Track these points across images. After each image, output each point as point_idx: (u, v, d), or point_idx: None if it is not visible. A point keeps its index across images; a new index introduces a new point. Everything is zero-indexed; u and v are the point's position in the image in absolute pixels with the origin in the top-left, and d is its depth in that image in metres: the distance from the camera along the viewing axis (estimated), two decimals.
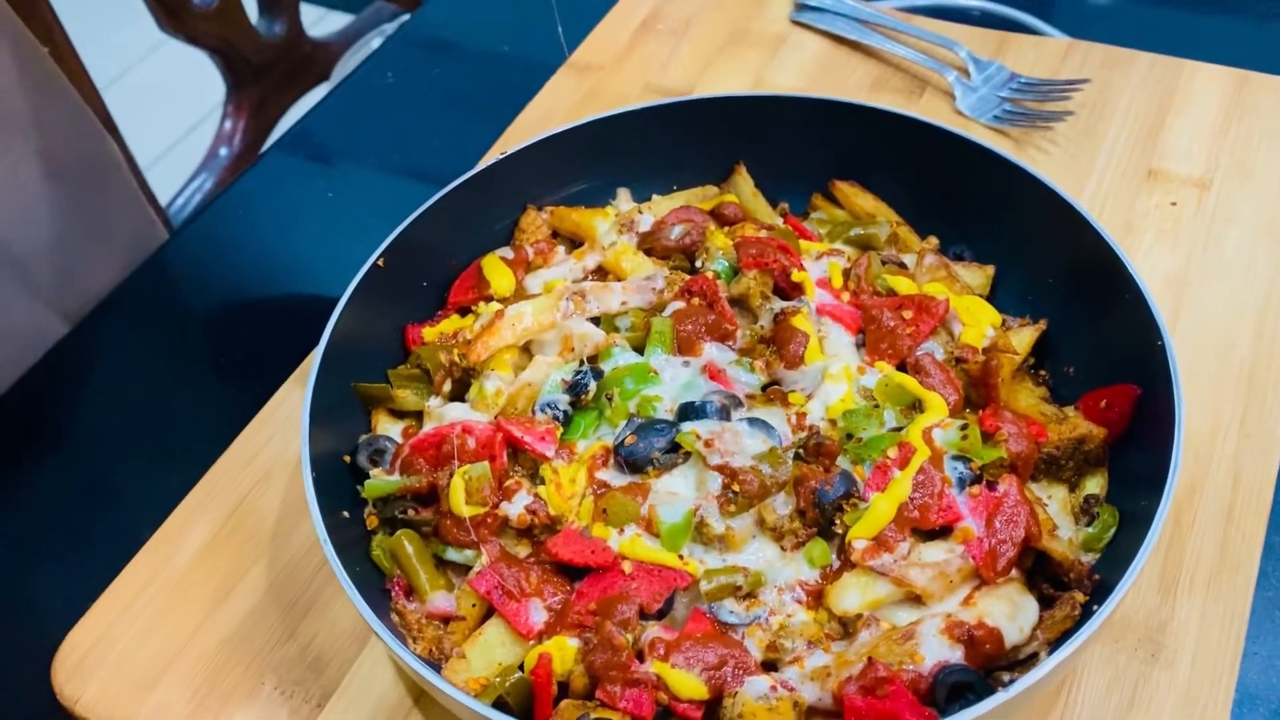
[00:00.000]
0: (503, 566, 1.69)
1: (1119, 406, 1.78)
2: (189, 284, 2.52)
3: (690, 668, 1.56)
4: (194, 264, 2.52)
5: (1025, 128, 2.43)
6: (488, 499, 1.74)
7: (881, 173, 2.21)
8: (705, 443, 1.71)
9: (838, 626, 1.65)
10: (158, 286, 2.49)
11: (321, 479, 1.74)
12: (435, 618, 1.73)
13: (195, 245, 2.56)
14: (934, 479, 1.68)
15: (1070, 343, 1.95)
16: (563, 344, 1.93)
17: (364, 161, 2.75)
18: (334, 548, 1.63)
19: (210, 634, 1.84)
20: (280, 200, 2.65)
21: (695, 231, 2.11)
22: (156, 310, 2.45)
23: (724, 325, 1.90)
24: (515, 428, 1.78)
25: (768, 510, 1.68)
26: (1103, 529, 1.71)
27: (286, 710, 1.75)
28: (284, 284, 2.47)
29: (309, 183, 2.69)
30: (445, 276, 2.13)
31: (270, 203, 2.64)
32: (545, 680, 1.59)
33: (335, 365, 1.88)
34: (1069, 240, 1.94)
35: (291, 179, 2.70)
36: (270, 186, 2.68)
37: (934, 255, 2.03)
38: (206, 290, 2.49)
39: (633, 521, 1.69)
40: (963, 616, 1.59)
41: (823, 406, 1.78)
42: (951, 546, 1.65)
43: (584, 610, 1.64)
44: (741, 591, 1.64)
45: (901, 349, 1.85)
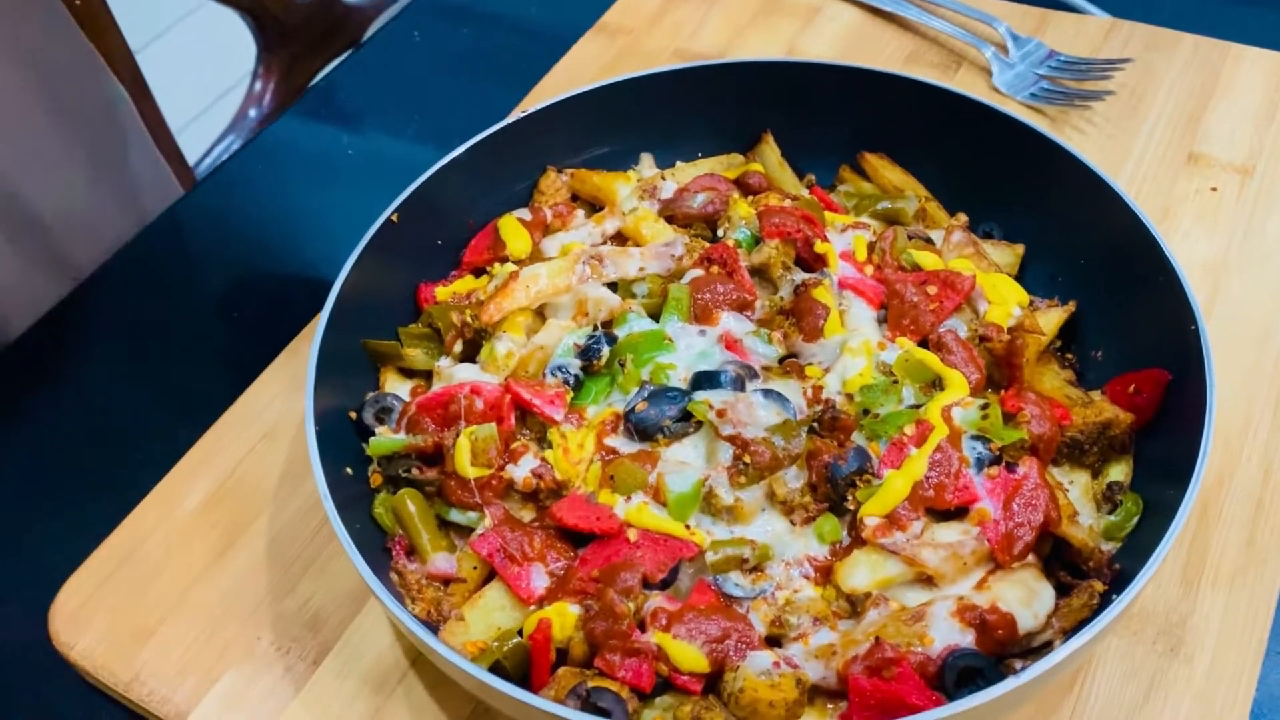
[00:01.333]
0: (506, 530, 1.66)
1: (1148, 392, 1.72)
2: (204, 238, 2.49)
3: (692, 639, 1.52)
4: (210, 218, 2.50)
5: (1062, 106, 2.36)
6: (493, 461, 1.70)
7: (912, 147, 2.15)
8: (718, 413, 1.67)
9: (845, 605, 1.60)
10: (173, 239, 2.47)
11: (325, 435, 1.70)
12: (435, 579, 1.70)
13: (212, 200, 2.53)
14: (951, 458, 1.62)
15: (1100, 327, 1.89)
16: (577, 308, 1.88)
17: (386, 121, 2.72)
18: (334, 504, 1.60)
19: (208, 588, 1.82)
20: (300, 157, 2.62)
21: (718, 200, 2.06)
22: (170, 263, 2.43)
23: (743, 295, 1.86)
24: (525, 390, 1.74)
25: (778, 483, 1.63)
26: (1125, 517, 1.65)
27: (282, 666, 1.72)
28: (299, 241, 2.44)
29: (330, 140, 2.66)
30: (461, 236, 2.09)
31: (290, 160, 2.61)
32: (544, 646, 1.55)
33: (344, 321, 1.85)
34: (1103, 221, 1.88)
35: (312, 136, 2.67)
36: (291, 143, 2.65)
37: (962, 232, 1.97)
38: (221, 245, 2.46)
39: (640, 489, 1.64)
40: (975, 600, 1.54)
41: (840, 380, 1.73)
42: (967, 528, 1.60)
43: (586, 577, 1.60)
44: (748, 565, 1.60)
45: (924, 325, 1.80)
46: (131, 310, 2.33)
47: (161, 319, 2.30)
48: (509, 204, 2.13)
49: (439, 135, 2.60)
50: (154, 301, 2.35)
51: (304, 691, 1.69)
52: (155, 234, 2.46)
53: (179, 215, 2.52)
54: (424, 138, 2.64)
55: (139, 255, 2.41)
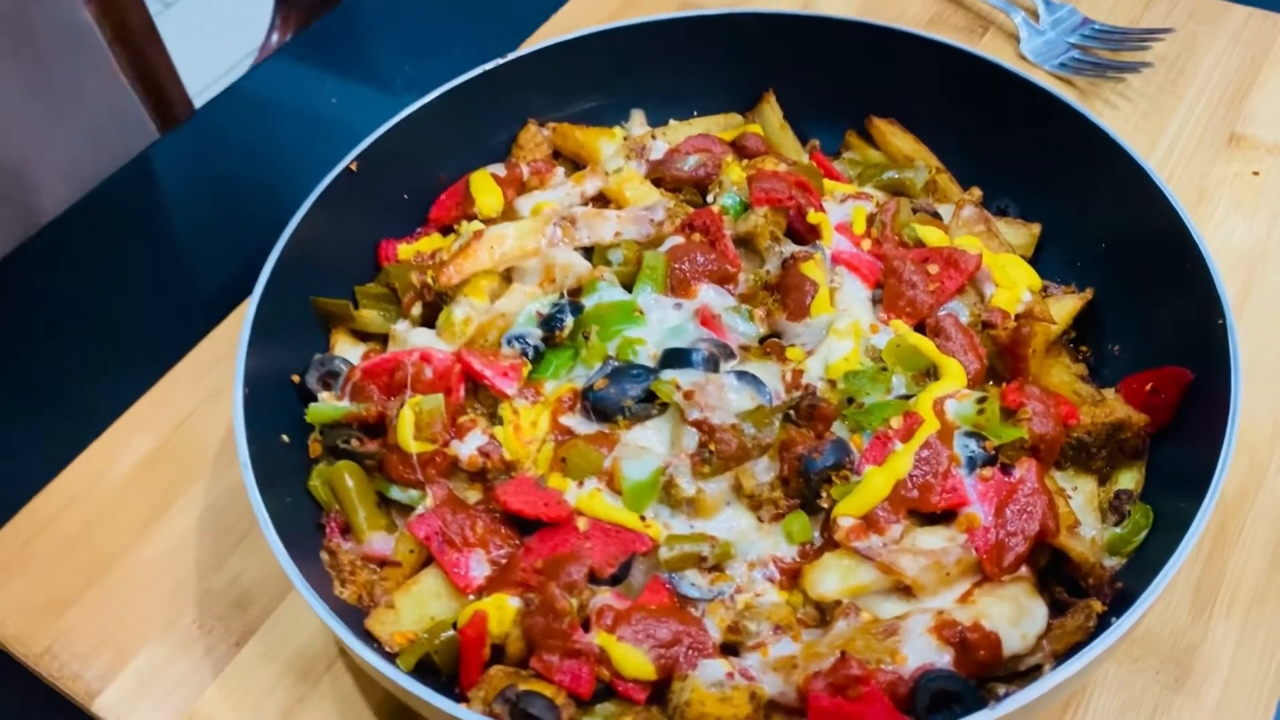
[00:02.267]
0: (447, 511, 1.51)
1: (1166, 393, 1.55)
2: (172, 185, 2.35)
3: (639, 643, 1.37)
4: (180, 165, 2.36)
5: (1094, 78, 2.17)
6: (438, 435, 1.56)
7: (926, 114, 1.98)
8: (685, 394, 1.51)
9: (813, 613, 1.45)
10: (139, 185, 2.32)
11: (260, 398, 1.57)
12: (371, 560, 1.56)
13: (184, 146, 2.39)
14: (940, 456, 1.46)
15: (1118, 317, 1.72)
16: (544, 274, 1.73)
17: (376, 70, 2.57)
18: (256, 476, 1.46)
19: (134, 557, 1.69)
20: (280, 106, 2.47)
21: (711, 163, 1.90)
22: (135, 210, 2.28)
23: (725, 266, 1.69)
24: (477, 360, 1.60)
25: (746, 475, 1.48)
26: (1133, 530, 1.49)
27: (202, 647, 1.59)
28: (270, 191, 2.28)
29: (314, 88, 2.51)
30: (430, 191, 1.94)
31: (270, 108, 2.46)
32: (475, 641, 1.41)
33: (294, 275, 1.71)
34: (1130, 203, 1.70)
35: (296, 84, 2.52)
36: (272, 91, 2.50)
37: (973, 207, 1.80)
38: (188, 193, 2.33)
39: (594, 474, 1.49)
40: (957, 615, 1.38)
41: (823, 365, 1.57)
42: (953, 534, 1.44)
43: (529, 568, 1.45)
44: (707, 563, 1.45)
45: (921, 307, 1.63)
46: (89, 258, 2.19)
47: (120, 267, 2.17)
48: (485, 158, 1.98)
49: (429, 85, 2.44)
50: (114, 249, 2.21)
51: (223, 676, 1.57)
52: (122, 179, 2.32)
53: (149, 160, 2.38)
54: (412, 87, 2.45)
55: (103, 200, 2.28)
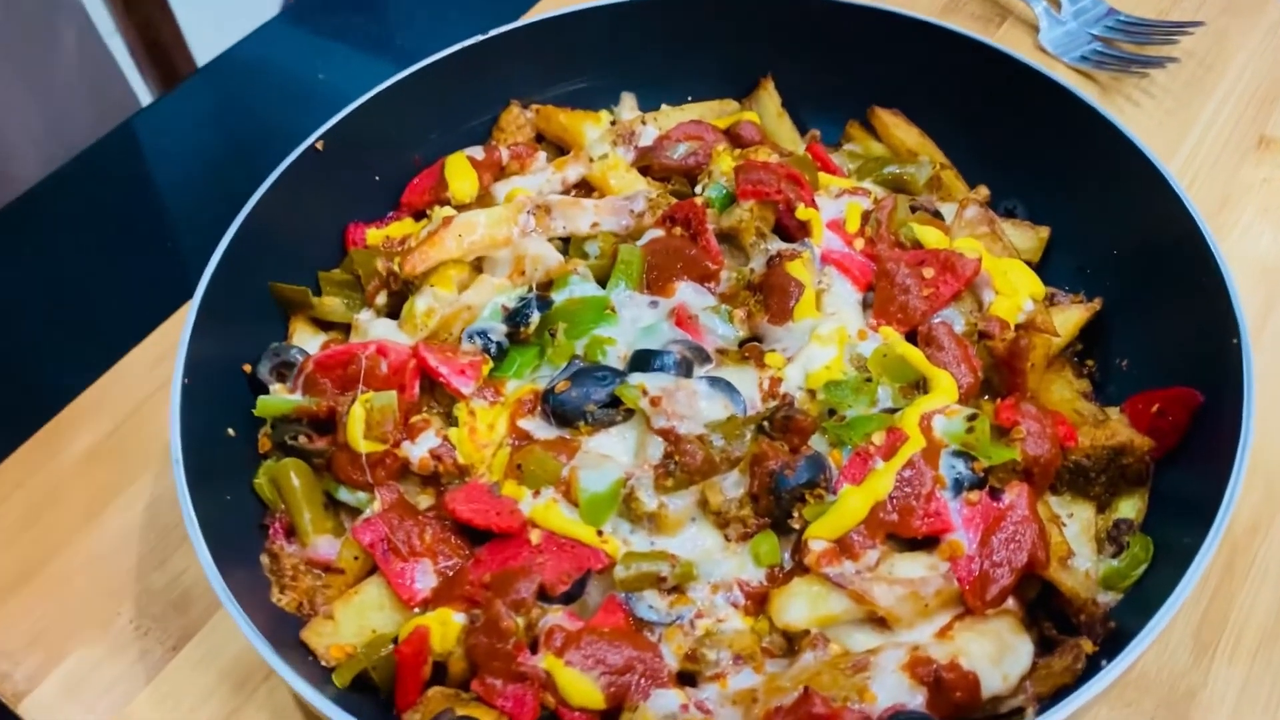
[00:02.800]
0: (394, 517, 1.42)
1: (1174, 415, 1.43)
2: (147, 160, 2.26)
3: (588, 668, 1.28)
4: (157, 140, 2.26)
5: (1116, 72, 2.04)
6: (389, 435, 1.46)
7: (933, 105, 1.85)
8: (652, 400, 1.40)
9: (780, 641, 1.34)
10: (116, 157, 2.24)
11: (207, 387, 1.48)
12: (315, 565, 1.47)
13: (160, 121, 2.30)
14: (924, 476, 1.35)
15: (1128, 330, 1.60)
16: (514, 265, 1.63)
17: (367, 43, 2.46)
18: (192, 469, 1.37)
19: (75, 551, 1.60)
20: (266, 81, 2.37)
21: (702, 152, 1.79)
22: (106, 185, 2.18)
23: (706, 263, 1.59)
24: (433, 355, 1.50)
25: (713, 490, 1.37)
26: (1131, 563, 1.37)
27: (137, 649, 1.51)
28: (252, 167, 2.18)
29: (302, 63, 2.41)
30: (405, 173, 1.84)
31: (254, 83, 2.36)
32: (413, 660, 1.32)
33: (251, 259, 1.61)
34: (1145, 208, 1.59)
35: (283, 58, 2.42)
36: (257, 66, 2.40)
37: (978, 207, 1.68)
38: (166, 165, 2.23)
39: (551, 484, 1.39)
40: (933, 652, 1.27)
41: (803, 373, 1.46)
42: (934, 562, 1.33)
43: (477, 582, 1.36)
44: (666, 584, 1.34)
45: (914, 314, 1.51)
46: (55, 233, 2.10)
47: (86, 244, 2.07)
48: (464, 140, 1.88)
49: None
50: (81, 225, 2.12)
51: (156, 681, 1.48)
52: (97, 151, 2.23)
53: (130, 130, 2.29)
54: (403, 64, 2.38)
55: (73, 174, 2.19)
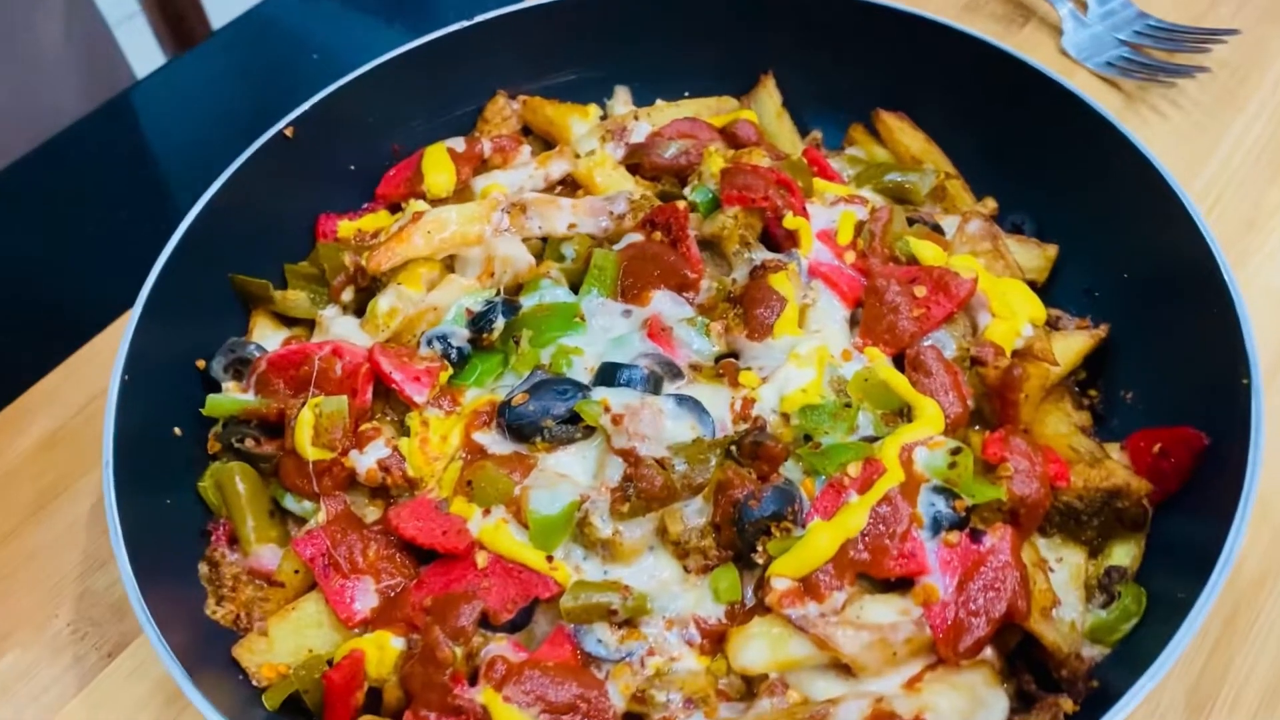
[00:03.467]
0: (338, 530, 1.34)
1: (1177, 456, 1.33)
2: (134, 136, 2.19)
3: (527, 705, 1.19)
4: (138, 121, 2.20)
5: (1143, 81, 1.92)
6: (338, 443, 1.38)
7: (941, 111, 1.75)
8: (614, 418, 1.32)
9: (738, 684, 1.25)
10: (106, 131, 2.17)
11: (149, 382, 1.41)
12: (257, 576, 1.39)
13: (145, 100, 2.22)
14: (900, 514, 1.26)
15: (1135, 361, 1.50)
16: (485, 265, 1.55)
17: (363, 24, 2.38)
18: (125, 470, 1.31)
19: (17, 547, 1.54)
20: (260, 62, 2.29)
21: (694, 151, 1.70)
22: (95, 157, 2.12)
23: (685, 271, 1.49)
24: (387, 360, 1.41)
25: (673, 518, 1.28)
26: (1121, 616, 1.27)
27: (71, 654, 1.44)
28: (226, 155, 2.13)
29: (294, 46, 2.33)
30: (382, 162, 1.76)
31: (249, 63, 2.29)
32: (343, 687, 1.24)
33: (211, 248, 1.55)
34: (1160, 230, 1.48)
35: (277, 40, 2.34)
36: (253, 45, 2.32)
37: (982, 221, 1.57)
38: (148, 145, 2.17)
39: (502, 503, 1.31)
40: (898, 705, 1.18)
41: (778, 395, 1.36)
42: (907, 607, 1.24)
43: (418, 605, 1.28)
44: (618, 617, 1.26)
45: (902, 335, 1.42)
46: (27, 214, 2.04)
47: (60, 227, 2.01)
48: (448, 130, 1.79)
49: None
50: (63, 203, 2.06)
51: (89, 689, 1.42)
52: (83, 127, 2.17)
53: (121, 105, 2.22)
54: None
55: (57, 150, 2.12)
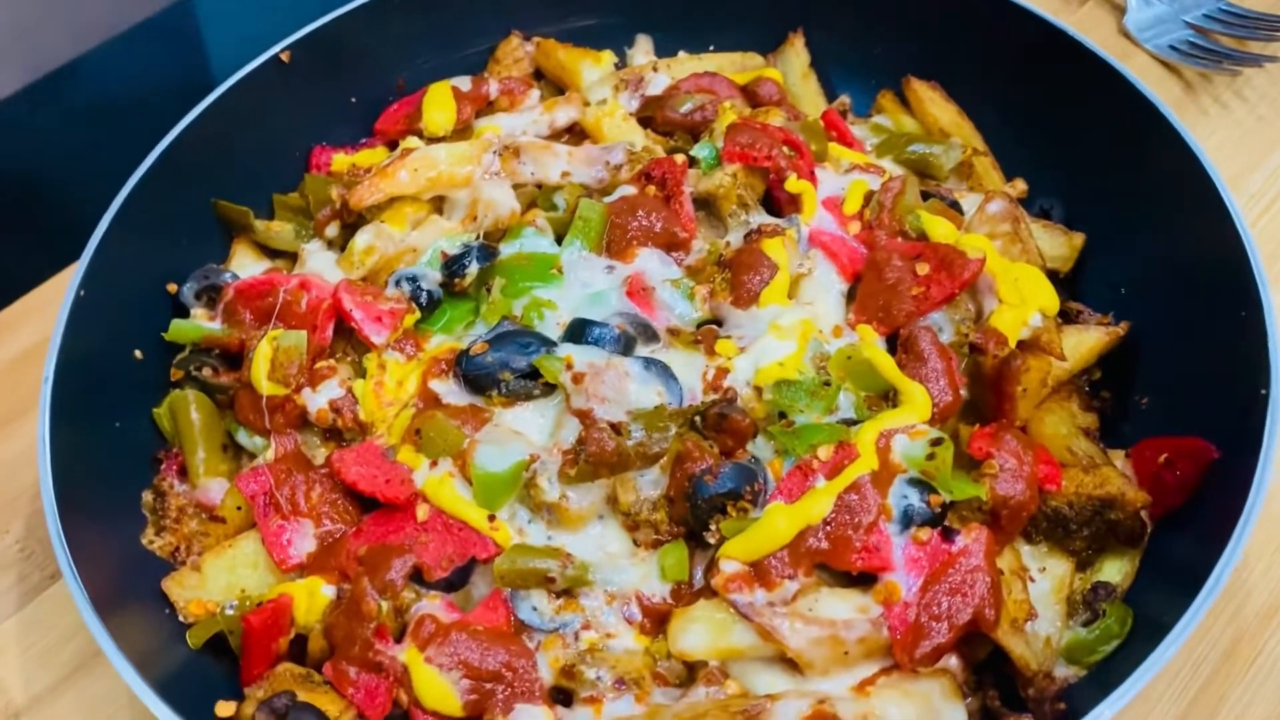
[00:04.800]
0: (284, 470, 1.29)
1: (1183, 469, 1.22)
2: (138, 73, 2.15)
3: (449, 669, 1.13)
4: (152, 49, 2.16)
5: (1207, 68, 1.78)
6: (292, 379, 1.33)
7: (977, 83, 1.63)
8: (575, 376, 1.24)
9: (679, 669, 1.18)
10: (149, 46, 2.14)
11: (112, 302, 1.37)
12: (204, 510, 1.35)
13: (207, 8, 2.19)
14: (869, 504, 1.16)
15: (1155, 364, 1.38)
16: (470, 208, 1.48)
17: None
18: (71, 389, 1.27)
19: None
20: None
21: (710, 108, 1.60)
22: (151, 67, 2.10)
23: (676, 230, 1.41)
24: (350, 297, 1.35)
25: (625, 486, 1.20)
26: (1101, 636, 1.17)
27: (16, 573, 1.42)
28: None
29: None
30: (384, 97, 1.69)
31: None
32: (261, 631, 1.18)
33: (195, 170, 1.50)
34: (1197, 228, 1.36)
35: None
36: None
37: (1004, 202, 1.46)
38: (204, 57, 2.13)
39: (450, 455, 1.24)
40: (842, 708, 1.10)
41: (753, 367, 1.27)
42: (866, 604, 1.15)
43: (354, 553, 1.22)
44: (555, 585, 1.18)
45: (897, 314, 1.31)
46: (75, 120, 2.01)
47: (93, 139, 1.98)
48: (457, 69, 1.72)
49: None
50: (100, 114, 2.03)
51: (26, 609, 1.39)
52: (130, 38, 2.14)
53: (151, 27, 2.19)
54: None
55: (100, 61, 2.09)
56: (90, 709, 1.30)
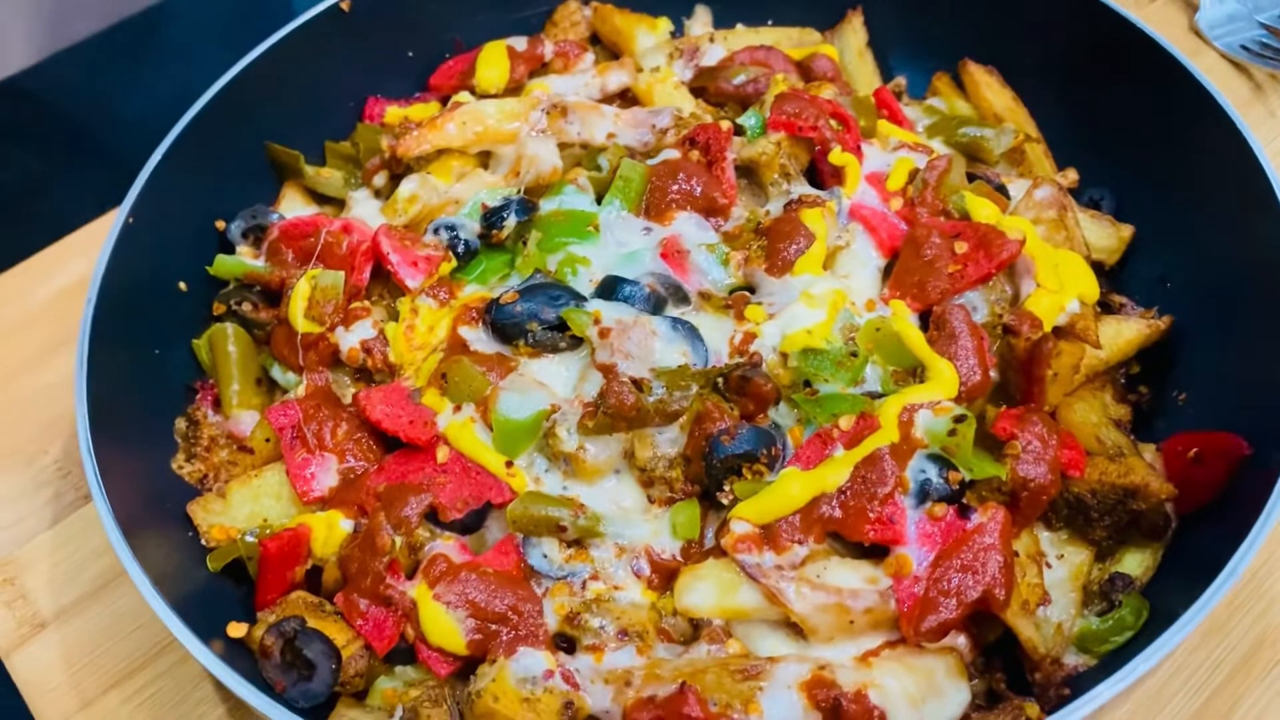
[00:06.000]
0: (313, 405, 1.31)
1: (1212, 465, 1.19)
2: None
3: (455, 608, 1.14)
4: None
5: (1278, 69, 1.74)
6: (327, 318, 1.35)
7: (1037, 71, 1.61)
8: (601, 331, 1.25)
9: (685, 627, 1.18)
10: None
11: (159, 232, 1.41)
12: (234, 440, 1.37)
13: None
14: (886, 475, 1.15)
15: (1195, 361, 1.35)
16: (513, 164, 1.49)
17: None
18: (111, 313, 1.30)
19: (24, 381, 1.56)
20: None
21: (764, 80, 1.60)
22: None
23: (716, 195, 1.40)
24: (388, 240, 1.37)
25: (642, 442, 1.21)
26: (1115, 627, 1.15)
27: (52, 490, 1.46)
28: None
29: None
30: (442, 53, 1.71)
31: None
32: (278, 558, 1.20)
33: (251, 111, 1.53)
34: (1249, 228, 1.33)
35: None
36: None
37: (1051, 189, 1.43)
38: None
39: (474, 401, 1.25)
40: (841, 675, 1.09)
41: (780, 334, 1.27)
42: (875, 576, 1.14)
43: (373, 490, 1.24)
44: (567, 535, 1.19)
45: (932, 291, 1.30)
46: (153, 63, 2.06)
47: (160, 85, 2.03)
48: (515, 30, 1.73)
49: None
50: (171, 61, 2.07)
51: (60, 526, 1.43)
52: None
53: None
54: None
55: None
56: (112, 624, 1.33)
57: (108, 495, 1.17)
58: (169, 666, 1.29)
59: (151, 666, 1.30)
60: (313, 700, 1.13)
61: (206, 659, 1.07)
